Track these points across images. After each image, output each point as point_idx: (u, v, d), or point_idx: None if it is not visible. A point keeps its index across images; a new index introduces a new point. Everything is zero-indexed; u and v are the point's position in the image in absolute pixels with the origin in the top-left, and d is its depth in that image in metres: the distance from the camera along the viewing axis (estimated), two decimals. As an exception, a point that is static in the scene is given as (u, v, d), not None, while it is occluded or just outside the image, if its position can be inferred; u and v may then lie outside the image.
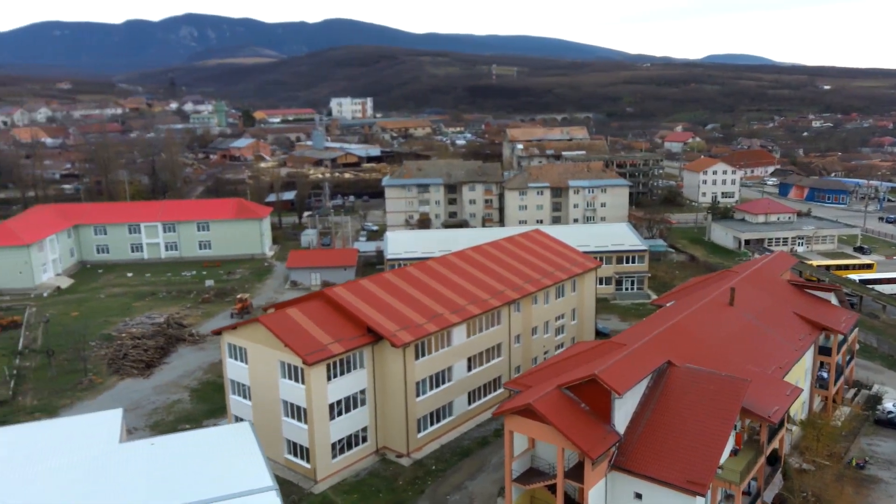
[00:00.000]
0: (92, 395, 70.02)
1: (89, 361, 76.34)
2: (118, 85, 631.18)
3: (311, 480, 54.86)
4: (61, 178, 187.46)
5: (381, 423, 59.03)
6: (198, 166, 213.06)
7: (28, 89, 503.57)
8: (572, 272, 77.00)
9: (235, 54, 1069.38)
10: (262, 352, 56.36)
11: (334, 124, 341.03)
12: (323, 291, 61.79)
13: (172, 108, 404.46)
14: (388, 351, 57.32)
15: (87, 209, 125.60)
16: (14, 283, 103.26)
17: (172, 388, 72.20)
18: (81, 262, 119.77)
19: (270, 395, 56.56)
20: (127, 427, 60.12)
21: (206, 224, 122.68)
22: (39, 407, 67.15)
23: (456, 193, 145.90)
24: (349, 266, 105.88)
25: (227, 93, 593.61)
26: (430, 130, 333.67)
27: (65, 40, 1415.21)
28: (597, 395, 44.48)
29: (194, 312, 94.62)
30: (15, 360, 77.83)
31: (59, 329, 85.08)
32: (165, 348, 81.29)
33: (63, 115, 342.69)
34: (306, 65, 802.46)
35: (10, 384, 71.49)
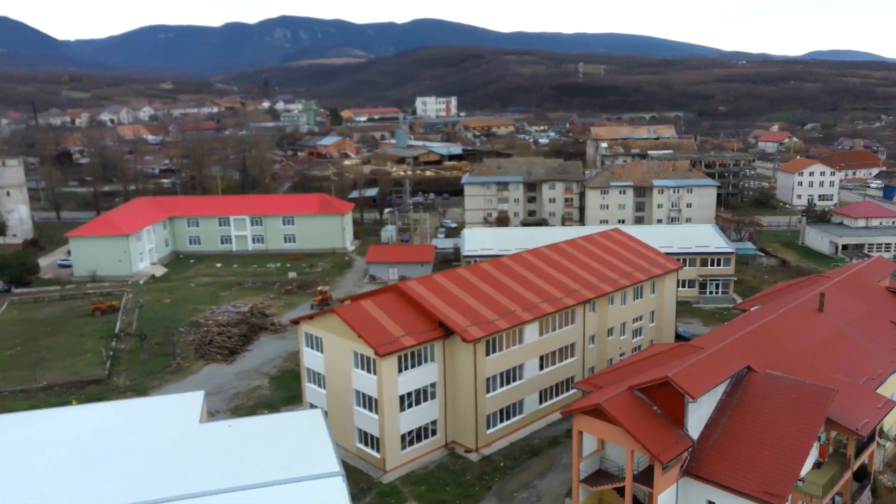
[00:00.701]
0: (179, 378, 73.52)
1: (178, 346, 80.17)
2: (215, 85, 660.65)
3: (380, 470, 55.70)
4: (160, 172, 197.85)
5: (450, 417, 59.25)
6: (286, 163, 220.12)
7: (134, 89, 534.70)
8: (652, 273, 74.94)
9: (326, 55, 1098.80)
10: (336, 342, 57.66)
11: (418, 123, 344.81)
12: (396, 285, 62.60)
13: (265, 107, 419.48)
14: (458, 346, 57.47)
15: (181, 202, 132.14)
16: (114, 270, 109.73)
17: (253, 375, 74.88)
18: (175, 252, 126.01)
19: (344, 384, 57.79)
20: (209, 410, 62.91)
21: (290, 218, 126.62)
22: (131, 387, 71.06)
23: (535, 192, 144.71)
24: (426, 262, 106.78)
25: (316, 92, 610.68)
26: (512, 129, 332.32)
27: (168, 43, 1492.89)
28: (670, 398, 43.15)
29: (277, 303, 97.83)
30: (112, 342, 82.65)
31: (151, 315, 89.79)
32: (248, 336, 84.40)
33: (164, 113, 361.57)
34: (394, 64, 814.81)
35: (106, 365, 75.99)
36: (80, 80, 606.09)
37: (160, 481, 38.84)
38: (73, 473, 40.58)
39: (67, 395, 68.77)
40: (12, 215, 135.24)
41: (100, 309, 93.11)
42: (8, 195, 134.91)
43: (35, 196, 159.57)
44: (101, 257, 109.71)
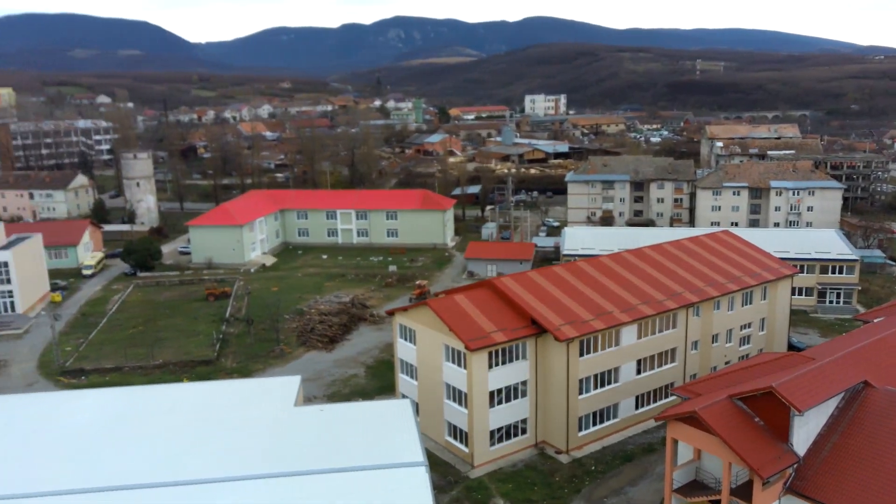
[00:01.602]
0: (281, 363, 76.49)
1: (282, 332, 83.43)
2: (331, 84, 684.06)
3: (468, 465, 55.59)
4: (275, 167, 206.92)
5: (541, 416, 58.29)
6: (393, 159, 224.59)
7: (255, 89, 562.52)
8: (763, 278, 70.65)
9: (438, 54, 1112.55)
10: (428, 334, 58.05)
11: (525, 121, 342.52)
12: (490, 280, 62.27)
13: (376, 106, 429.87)
14: (551, 345, 56.40)
15: (292, 195, 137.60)
16: (227, 258, 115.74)
17: (350, 364, 76.77)
18: (285, 243, 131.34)
19: (435, 377, 58.10)
20: (306, 395, 65.04)
21: (394, 213, 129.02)
22: (237, 369, 74.60)
23: (643, 191, 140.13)
24: (525, 260, 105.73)
25: (427, 91, 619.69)
26: (623, 127, 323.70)
27: (289, 44, 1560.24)
28: (774, 411, 40.39)
29: (377, 295, 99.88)
30: (222, 326, 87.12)
31: (259, 301, 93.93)
32: (348, 326, 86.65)
33: (282, 111, 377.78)
34: (504, 63, 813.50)
35: (215, 347, 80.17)
36: (207, 80, 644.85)
37: (252, 458, 40.38)
38: (177, 443, 42.98)
39: (180, 373, 73.09)
40: (141, 205, 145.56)
41: (213, 294, 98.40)
42: (138, 186, 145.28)
43: (162, 187, 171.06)
44: (217, 246, 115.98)
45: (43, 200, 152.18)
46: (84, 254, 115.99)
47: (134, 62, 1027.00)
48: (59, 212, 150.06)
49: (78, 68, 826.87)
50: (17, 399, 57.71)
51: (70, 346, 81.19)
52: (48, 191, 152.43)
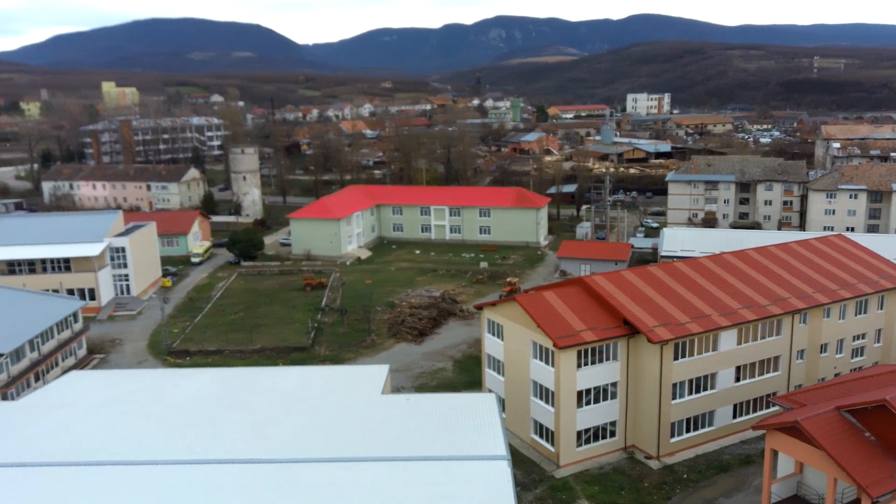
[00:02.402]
0: (372, 353, 77.91)
1: (373, 324, 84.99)
2: (431, 84, 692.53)
3: (553, 464, 54.64)
4: (373, 164, 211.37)
5: (631, 420, 56.50)
6: (489, 158, 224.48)
7: (358, 88, 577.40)
8: (881, 286, 65.60)
9: (539, 53, 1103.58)
10: (516, 330, 57.47)
11: (626, 119, 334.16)
12: (581, 278, 60.92)
13: (474, 105, 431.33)
14: (644, 346, 54.54)
15: (388, 191, 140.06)
16: (325, 250, 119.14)
17: (439, 357, 77.21)
18: (380, 238, 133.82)
19: (522, 373, 57.45)
20: (394, 385, 65.85)
21: (487, 210, 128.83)
22: (329, 357, 76.56)
23: (749, 192, 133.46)
24: (621, 261, 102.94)
25: (526, 90, 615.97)
26: (730, 127, 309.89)
27: (392, 45, 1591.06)
28: (887, 426, 37.44)
29: (467, 291, 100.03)
30: (317, 315, 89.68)
31: (353, 293, 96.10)
32: (438, 320, 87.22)
33: (382, 110, 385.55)
34: (606, 62, 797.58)
35: (310, 335, 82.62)
36: (313, 80, 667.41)
37: (338, 441, 41.23)
38: (270, 422, 44.57)
39: (276, 359, 75.79)
40: (246, 197, 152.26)
41: (310, 284, 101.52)
42: (244, 179, 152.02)
43: (266, 182, 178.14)
44: (315, 238, 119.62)
45: (159, 192, 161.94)
46: (193, 242, 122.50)
47: (246, 63, 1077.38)
48: (172, 203, 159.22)
49: (195, 69, 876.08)
50: (129, 374, 61.75)
51: (177, 329, 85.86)
52: (163, 183, 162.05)
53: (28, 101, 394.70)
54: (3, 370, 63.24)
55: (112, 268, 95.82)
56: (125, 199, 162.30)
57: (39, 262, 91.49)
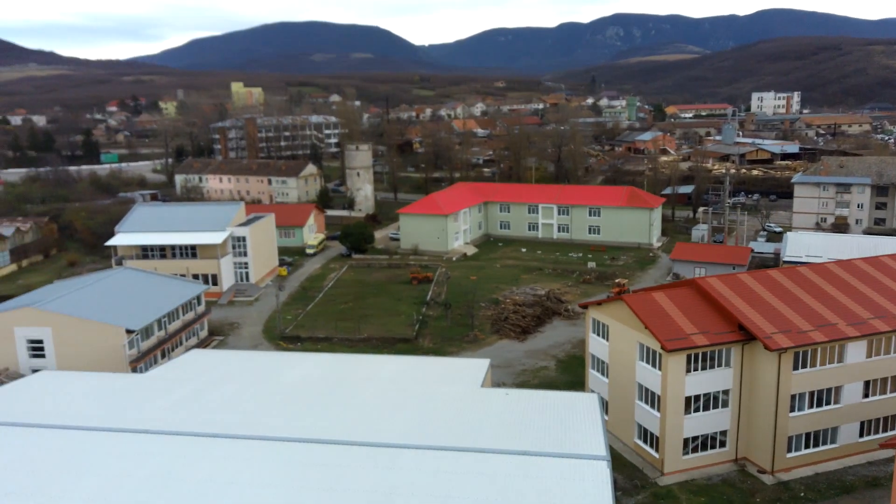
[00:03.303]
0: (474, 348, 78.10)
1: (477, 319, 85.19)
2: (544, 83, 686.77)
3: (657, 471, 52.63)
4: (483, 162, 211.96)
5: (743, 430, 53.47)
6: (601, 157, 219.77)
7: (471, 88, 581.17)
8: None
9: (658, 51, 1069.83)
10: (622, 331, 55.81)
11: (750, 119, 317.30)
12: (694, 280, 58.35)
13: (587, 104, 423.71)
14: (760, 354, 51.46)
15: (496, 188, 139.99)
16: (432, 246, 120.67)
17: (541, 355, 76.32)
18: (486, 235, 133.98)
19: (627, 375, 55.74)
20: (495, 380, 65.67)
21: (597, 210, 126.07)
22: (432, 349, 77.42)
23: (887, 197, 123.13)
24: (739, 265, 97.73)
25: (644, 89, 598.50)
26: (867, 128, 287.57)
27: (507, 45, 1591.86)
28: None
29: (573, 290, 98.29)
30: (422, 308, 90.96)
31: (458, 288, 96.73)
32: (541, 318, 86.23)
33: (494, 109, 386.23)
34: (731, 59, 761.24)
35: (415, 327, 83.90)
36: (428, 80, 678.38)
37: (436, 430, 41.51)
38: (371, 407, 45.63)
39: (381, 348, 77.49)
40: (359, 193, 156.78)
41: (417, 278, 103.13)
42: (358, 175, 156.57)
43: (379, 178, 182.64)
44: (423, 233, 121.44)
45: (278, 186, 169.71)
46: (308, 235, 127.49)
47: (364, 64, 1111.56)
48: (290, 197, 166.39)
49: (316, 70, 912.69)
50: (245, 354, 65.14)
51: (290, 316, 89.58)
52: (283, 178, 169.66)
53: (166, 100, 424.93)
54: (134, 346, 68.26)
55: (233, 256, 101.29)
56: (248, 192, 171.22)
57: (169, 248, 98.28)
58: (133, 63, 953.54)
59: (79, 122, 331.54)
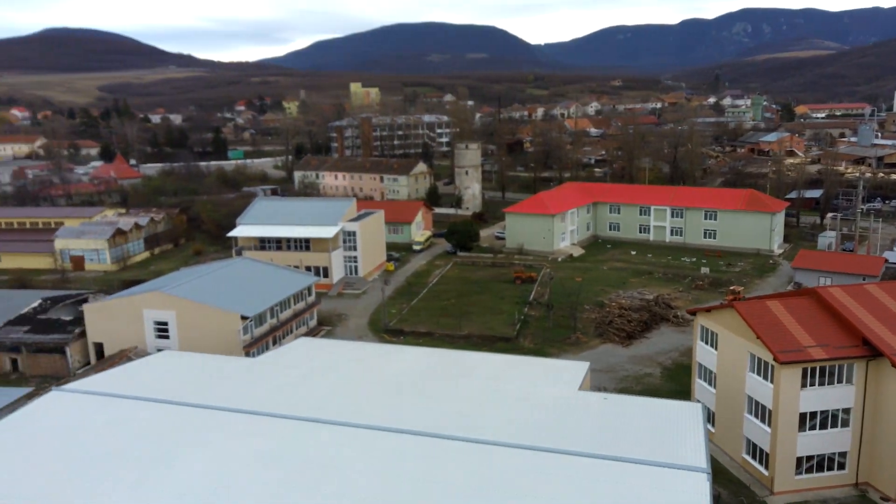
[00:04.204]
0: (575, 351, 76.73)
1: (579, 321, 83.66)
2: (664, 82, 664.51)
3: (766, 489, 49.77)
4: (595, 162, 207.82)
5: (866, 453, 49.52)
6: (721, 158, 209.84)
7: (586, 87, 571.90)
8: None
9: (790, 48, 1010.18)
10: (732, 340, 53.13)
11: (891, 119, 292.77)
12: (815, 289, 54.64)
13: (709, 103, 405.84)
14: (887, 372, 47.43)
15: (606, 188, 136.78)
16: (537, 245, 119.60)
17: (646, 362, 73.92)
18: (594, 236, 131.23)
19: (735, 387, 53.00)
20: (596, 385, 64.29)
21: (713, 213, 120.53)
22: (533, 350, 76.73)
23: None
24: (870, 276, 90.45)
25: (772, 87, 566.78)
26: None
27: (626, 43, 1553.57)
28: None
29: (684, 296, 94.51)
30: (524, 308, 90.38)
31: (561, 289, 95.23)
32: (648, 324, 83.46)
33: (609, 108, 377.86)
34: (872, 55, 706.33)
35: (516, 326, 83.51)
36: (542, 79, 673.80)
37: (529, 430, 41.13)
38: (468, 403, 46.04)
39: (481, 346, 77.59)
40: (467, 191, 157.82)
41: (520, 278, 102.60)
42: (466, 174, 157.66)
43: (487, 177, 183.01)
44: (529, 233, 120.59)
45: (390, 184, 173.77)
46: (416, 231, 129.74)
47: (479, 64, 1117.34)
48: (401, 194, 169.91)
49: (432, 71, 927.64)
50: (350, 345, 67.24)
51: (395, 310, 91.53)
52: (394, 175, 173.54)
53: (289, 100, 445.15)
54: (248, 331, 72.03)
55: (344, 249, 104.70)
56: (361, 188, 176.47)
57: (285, 241, 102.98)
58: (261, 65, 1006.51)
59: (210, 120, 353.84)
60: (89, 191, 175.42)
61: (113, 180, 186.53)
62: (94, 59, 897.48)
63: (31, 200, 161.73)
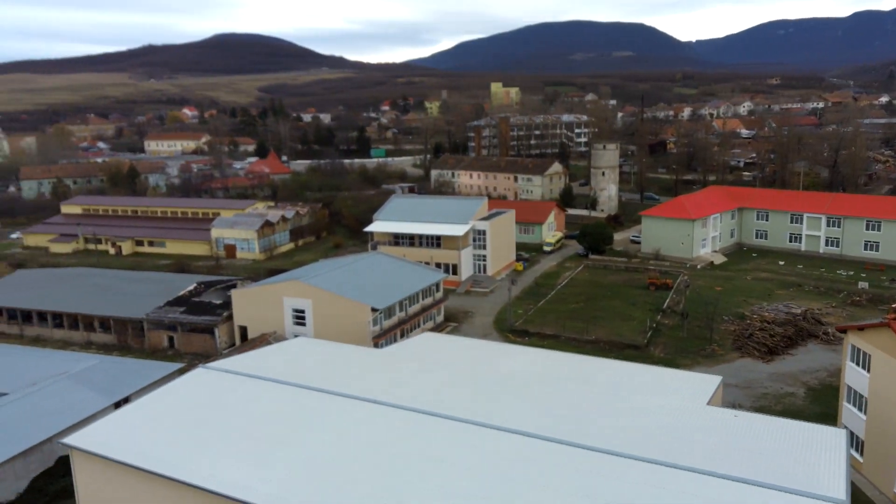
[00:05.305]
0: (710, 364, 72.78)
1: (716, 333, 79.29)
2: (828, 79, 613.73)
3: (921, 532, 44.81)
4: (744, 165, 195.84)
5: None
6: (891, 163, 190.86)
7: (739, 85, 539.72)
8: None
9: None
10: (888, 362, 48.21)
11: None
12: None
13: (881, 102, 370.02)
14: None
15: (754, 194, 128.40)
16: (675, 251, 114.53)
17: (789, 380, 68.80)
18: (738, 244, 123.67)
19: (890, 414, 48.07)
20: (731, 401, 60.89)
21: (876, 223, 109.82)
22: (663, 360, 73.60)
23: None
24: None
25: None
26: None
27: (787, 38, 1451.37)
28: None
29: (837, 312, 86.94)
30: (657, 315, 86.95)
31: (698, 298, 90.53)
32: (793, 339, 77.60)
33: (763, 108, 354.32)
34: None
35: (647, 334, 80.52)
36: (691, 77, 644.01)
37: (653, 443, 39.46)
38: (585, 408, 45.15)
39: (608, 352, 75.51)
40: (603, 193, 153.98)
41: (654, 284, 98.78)
42: (603, 175, 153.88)
43: (625, 179, 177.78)
44: (666, 238, 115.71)
45: (524, 183, 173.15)
46: (547, 232, 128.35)
47: (625, 62, 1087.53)
48: (535, 194, 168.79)
49: (575, 70, 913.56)
50: (473, 342, 67.76)
51: (521, 310, 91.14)
52: (529, 175, 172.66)
53: (431, 100, 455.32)
54: (377, 323, 74.58)
55: (473, 248, 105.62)
56: (495, 188, 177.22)
57: (417, 237, 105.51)
58: (407, 66, 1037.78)
59: (356, 119, 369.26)
60: (244, 184, 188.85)
61: (265, 175, 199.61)
62: (255, 61, 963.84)
63: (194, 192, 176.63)
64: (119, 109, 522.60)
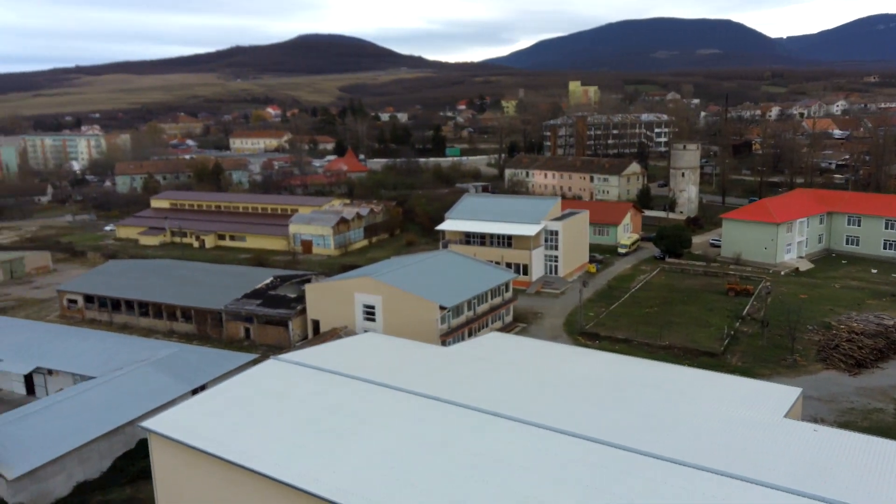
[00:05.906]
0: (791, 375, 69.55)
1: (799, 343, 75.69)
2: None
3: None
4: (836, 167, 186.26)
5: None
6: None
7: (833, 84, 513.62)
8: None
9: None
10: None
11: None
12: None
13: None
14: None
15: (844, 197, 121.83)
16: (757, 256, 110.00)
17: (878, 395, 64.95)
18: (827, 250, 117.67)
19: None
20: (812, 414, 58.09)
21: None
22: (741, 368, 70.78)
23: None
24: None
25: None
26: None
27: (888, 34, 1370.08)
28: None
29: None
30: (736, 322, 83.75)
31: (780, 306, 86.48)
32: (884, 352, 73.15)
33: (858, 107, 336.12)
34: None
35: (724, 341, 77.65)
36: (780, 75, 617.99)
37: (718, 453, 38.14)
38: (652, 416, 43.90)
39: (682, 359, 73.29)
40: (682, 194, 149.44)
41: (734, 290, 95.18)
42: (682, 176, 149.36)
43: (707, 180, 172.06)
44: (748, 242, 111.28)
45: (600, 184, 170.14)
46: (622, 234, 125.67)
47: (710, 60, 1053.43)
48: (611, 195, 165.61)
49: (657, 68, 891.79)
50: (541, 344, 66.97)
51: (592, 313, 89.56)
52: (605, 175, 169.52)
53: (508, 99, 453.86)
54: (445, 321, 74.86)
55: (545, 248, 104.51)
56: (570, 188, 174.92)
57: (488, 236, 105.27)
58: (484, 65, 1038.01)
59: (433, 119, 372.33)
60: (322, 182, 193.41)
61: (343, 173, 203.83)
62: (337, 62, 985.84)
63: (274, 189, 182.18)
64: (207, 108, 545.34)
